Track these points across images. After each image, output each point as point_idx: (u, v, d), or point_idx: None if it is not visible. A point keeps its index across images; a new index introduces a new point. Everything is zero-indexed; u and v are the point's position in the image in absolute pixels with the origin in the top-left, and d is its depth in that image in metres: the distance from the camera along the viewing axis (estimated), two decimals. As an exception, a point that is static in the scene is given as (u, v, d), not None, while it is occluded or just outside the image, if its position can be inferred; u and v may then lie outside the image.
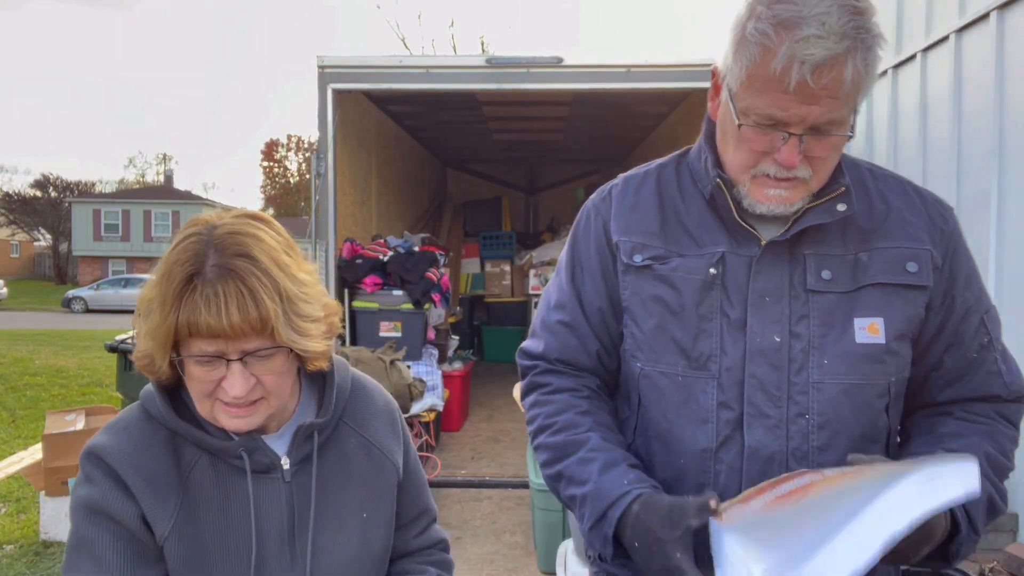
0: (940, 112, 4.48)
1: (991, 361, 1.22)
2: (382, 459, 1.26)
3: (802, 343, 1.14)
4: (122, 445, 1.11)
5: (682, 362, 1.18)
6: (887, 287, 1.15)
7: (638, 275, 1.22)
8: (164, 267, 1.05)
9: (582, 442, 1.20)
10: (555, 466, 1.22)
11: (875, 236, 1.18)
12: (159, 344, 1.04)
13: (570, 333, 1.28)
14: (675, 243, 1.21)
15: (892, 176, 1.26)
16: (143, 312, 1.07)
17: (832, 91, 1.03)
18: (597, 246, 1.28)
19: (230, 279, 1.02)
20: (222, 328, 1.01)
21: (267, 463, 1.14)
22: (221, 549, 1.11)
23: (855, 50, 1.01)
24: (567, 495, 1.21)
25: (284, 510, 1.14)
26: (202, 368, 1.05)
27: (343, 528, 1.19)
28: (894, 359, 1.16)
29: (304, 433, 1.17)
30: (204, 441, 1.11)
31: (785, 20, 1.01)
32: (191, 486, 1.11)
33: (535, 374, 1.32)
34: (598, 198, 1.33)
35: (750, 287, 1.16)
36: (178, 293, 1.02)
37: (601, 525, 1.12)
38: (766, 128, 1.07)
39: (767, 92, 1.04)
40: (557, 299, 1.32)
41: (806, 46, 1.00)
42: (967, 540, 1.09)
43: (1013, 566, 3.18)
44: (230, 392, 1.05)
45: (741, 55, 1.06)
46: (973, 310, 1.21)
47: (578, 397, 1.27)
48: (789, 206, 1.13)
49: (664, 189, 1.27)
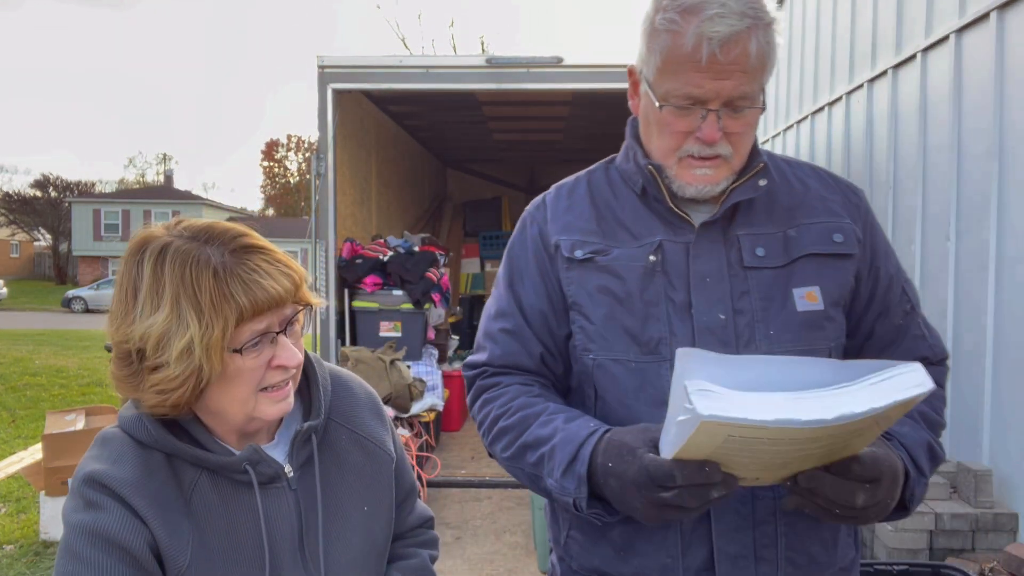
0: (940, 112, 4.48)
1: (916, 326, 1.32)
2: (375, 450, 1.25)
3: (746, 318, 1.20)
4: (124, 472, 1.04)
5: (634, 348, 1.21)
6: (818, 257, 1.23)
7: (582, 268, 1.26)
8: (169, 286, 1.00)
9: (540, 411, 1.22)
10: (516, 442, 1.23)
11: (799, 213, 1.26)
12: (214, 347, 0.99)
13: (512, 339, 1.31)
14: (612, 238, 1.26)
15: (806, 163, 1.37)
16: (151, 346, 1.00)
17: (741, 65, 1.12)
18: (534, 251, 1.31)
19: (253, 255, 1.04)
20: (279, 294, 1.03)
21: (271, 473, 1.12)
22: (234, 567, 1.07)
23: (756, 27, 1.11)
24: (533, 461, 1.20)
25: (292, 518, 1.13)
26: (252, 354, 1.04)
27: (348, 525, 1.18)
28: (832, 325, 1.23)
29: (302, 437, 1.16)
30: (205, 459, 1.07)
31: (689, 6, 1.11)
32: (194, 508, 1.07)
33: (482, 379, 1.34)
34: (532, 207, 1.37)
35: (690, 270, 1.21)
36: (218, 288, 0.99)
37: (574, 465, 1.13)
38: (686, 108, 1.16)
39: (682, 72, 1.13)
40: (497, 308, 1.34)
41: (712, 24, 1.09)
42: (917, 483, 1.16)
43: (1013, 566, 3.18)
44: (291, 362, 1.06)
45: (654, 45, 1.16)
46: (895, 280, 1.32)
47: (529, 387, 1.29)
48: (715, 185, 1.20)
49: (596, 191, 1.33)
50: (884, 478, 1.04)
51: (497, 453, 1.28)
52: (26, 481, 5.17)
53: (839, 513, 1.04)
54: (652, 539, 1.21)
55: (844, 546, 1.28)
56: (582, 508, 1.14)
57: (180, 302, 0.99)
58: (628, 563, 1.23)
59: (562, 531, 1.33)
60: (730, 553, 1.18)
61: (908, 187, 4.84)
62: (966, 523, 3.50)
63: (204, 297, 0.99)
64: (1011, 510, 3.56)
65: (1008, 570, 3.19)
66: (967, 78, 4.22)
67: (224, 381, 1.04)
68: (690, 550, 1.19)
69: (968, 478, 3.62)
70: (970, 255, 4.10)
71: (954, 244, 4.25)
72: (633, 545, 1.22)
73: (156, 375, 1.01)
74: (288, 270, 1.06)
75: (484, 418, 1.30)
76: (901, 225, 4.95)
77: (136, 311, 1.01)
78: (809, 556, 1.21)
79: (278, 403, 1.09)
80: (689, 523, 1.18)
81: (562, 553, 1.34)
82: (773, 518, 1.19)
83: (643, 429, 1.09)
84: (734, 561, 1.18)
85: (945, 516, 3.50)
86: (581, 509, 1.14)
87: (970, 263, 4.09)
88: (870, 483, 1.02)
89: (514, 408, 1.25)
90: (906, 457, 1.16)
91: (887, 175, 5.13)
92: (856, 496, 1.02)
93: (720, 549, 1.18)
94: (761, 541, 1.19)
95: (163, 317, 1.00)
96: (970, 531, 3.50)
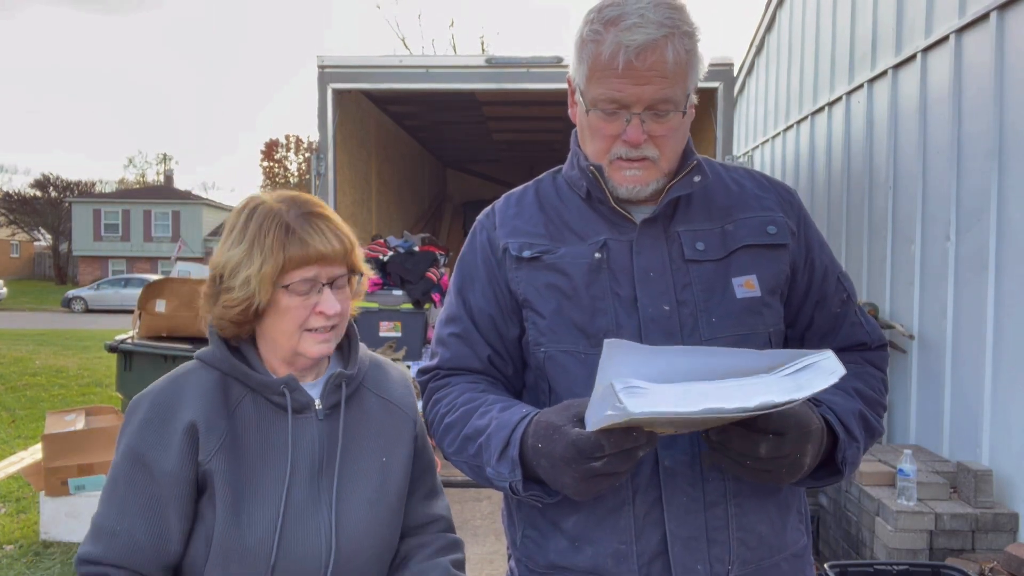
0: (940, 112, 4.48)
1: (852, 314, 1.39)
2: (399, 413, 1.43)
3: (690, 308, 1.26)
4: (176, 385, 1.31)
5: (583, 341, 1.26)
6: (754, 248, 1.31)
7: (530, 267, 1.31)
8: (251, 231, 1.27)
9: (480, 404, 1.28)
10: (459, 436, 1.27)
11: (735, 210, 1.34)
12: (265, 281, 1.24)
13: (461, 343, 1.36)
14: (560, 239, 1.32)
15: (741, 167, 1.45)
16: (227, 272, 1.27)
17: (659, 70, 1.19)
18: (483, 256, 1.37)
19: (318, 220, 1.29)
20: (329, 250, 1.27)
21: (304, 402, 1.32)
22: (260, 474, 1.26)
23: (673, 36, 1.19)
24: (473, 452, 1.24)
25: (315, 446, 1.31)
26: (300, 297, 1.27)
27: (365, 469, 1.34)
28: (770, 311, 1.30)
29: (335, 381, 1.35)
30: (251, 377, 1.30)
31: (611, 18, 1.20)
32: (236, 419, 1.28)
33: (433, 382, 1.40)
34: (482, 216, 1.44)
35: (634, 266, 1.27)
36: (280, 237, 1.25)
37: (507, 450, 1.18)
38: (611, 113, 1.23)
39: (605, 79, 1.21)
40: (448, 314, 1.40)
41: (629, 33, 1.17)
42: (849, 446, 1.22)
43: (1013, 566, 3.18)
44: (330, 310, 1.27)
45: (583, 54, 1.25)
46: (830, 270, 1.38)
47: (475, 384, 1.35)
48: (644, 186, 1.27)
49: (544, 198, 1.39)
50: (790, 432, 1.08)
51: (445, 449, 1.33)
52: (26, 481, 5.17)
53: (750, 465, 1.10)
54: (604, 526, 1.24)
55: (793, 530, 1.32)
56: (519, 491, 1.19)
57: (253, 244, 1.26)
58: (582, 552, 1.25)
59: (517, 531, 1.36)
60: (682, 536, 1.21)
61: (908, 187, 4.84)
62: (966, 523, 3.50)
63: (267, 241, 1.25)
64: (1011, 510, 3.56)
65: (1008, 570, 3.19)
66: (967, 78, 4.22)
67: (276, 314, 1.28)
68: (643, 535, 1.22)
69: (968, 478, 3.62)
70: (970, 255, 4.10)
71: (954, 244, 4.25)
72: (587, 534, 1.25)
73: (226, 295, 1.28)
74: (341, 235, 1.30)
75: (433, 417, 1.35)
76: (901, 225, 4.95)
77: (227, 245, 1.30)
78: (759, 537, 1.25)
79: (318, 344, 1.30)
80: (642, 508, 1.22)
81: (519, 554, 1.36)
82: (724, 500, 1.23)
83: (566, 407, 1.14)
84: (686, 543, 1.21)
85: (945, 516, 3.50)
86: (519, 492, 1.19)
87: (970, 263, 4.09)
88: (774, 435, 1.07)
89: (458, 404, 1.30)
90: (835, 421, 1.21)
91: (887, 175, 5.13)
92: (759, 447, 1.07)
93: (672, 532, 1.21)
94: (712, 523, 1.22)
95: (240, 252, 1.27)
96: (970, 531, 3.50)
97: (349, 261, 1.32)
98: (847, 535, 4.03)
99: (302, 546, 1.26)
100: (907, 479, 3.60)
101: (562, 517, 1.27)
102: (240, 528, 1.23)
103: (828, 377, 0.99)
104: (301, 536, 1.26)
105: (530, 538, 1.33)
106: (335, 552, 1.27)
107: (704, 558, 1.21)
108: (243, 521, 1.24)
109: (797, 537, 1.33)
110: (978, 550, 3.49)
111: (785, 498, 1.31)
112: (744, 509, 1.24)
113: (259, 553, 1.23)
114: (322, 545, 1.27)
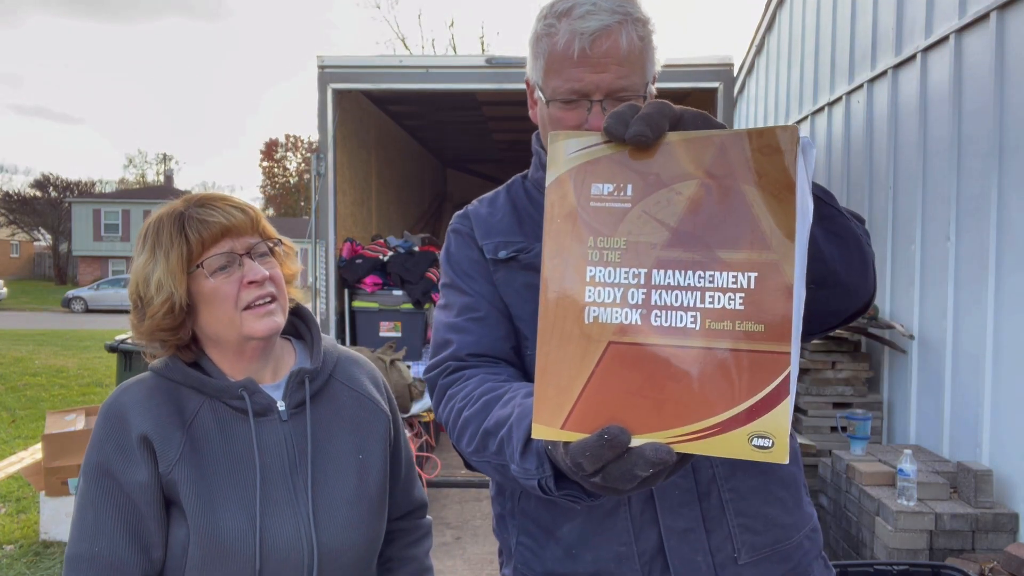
0: (940, 112, 4.48)
1: None
2: (373, 408, 1.39)
3: None
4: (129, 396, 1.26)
5: None
6: None
7: (506, 269, 1.30)
8: (150, 238, 1.24)
9: (503, 392, 1.11)
10: (479, 432, 1.10)
11: None
12: (176, 271, 1.20)
13: (483, 326, 1.26)
14: (534, 237, 1.29)
15: None
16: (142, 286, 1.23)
17: (615, 57, 1.18)
18: (473, 255, 1.34)
19: (214, 201, 1.26)
20: (234, 222, 1.23)
21: (265, 404, 1.27)
22: (229, 481, 1.22)
23: (626, 23, 1.18)
24: (495, 449, 1.06)
25: (283, 448, 1.27)
26: (222, 274, 1.22)
27: (341, 467, 1.31)
28: None
29: (297, 379, 1.30)
30: (207, 384, 1.25)
31: (563, 10, 1.20)
32: (195, 428, 1.23)
33: (443, 377, 1.24)
34: (457, 221, 1.42)
35: None
36: (178, 227, 1.22)
37: (532, 442, 0.96)
38: (572, 102, 1.21)
39: (562, 70, 1.20)
40: (461, 304, 1.29)
41: (583, 22, 1.17)
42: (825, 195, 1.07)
43: (1013, 566, 3.17)
44: (256, 275, 1.23)
45: (538, 50, 1.24)
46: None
47: (496, 374, 1.20)
48: None
49: (515, 199, 1.38)
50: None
51: (464, 449, 1.16)
52: (26, 481, 5.18)
53: None
54: (603, 530, 1.21)
55: (808, 505, 1.30)
56: (551, 490, 0.95)
57: (155, 247, 1.23)
58: (581, 560, 1.22)
59: (511, 538, 1.32)
60: (677, 529, 1.18)
61: (908, 187, 4.84)
62: (966, 523, 3.50)
63: (165, 237, 1.22)
64: (1011, 510, 3.56)
65: (1008, 570, 3.19)
66: (967, 78, 4.22)
67: (207, 304, 1.23)
68: (642, 533, 1.19)
69: (968, 478, 3.62)
70: (970, 255, 4.09)
71: (954, 244, 4.25)
72: (585, 540, 1.22)
73: (149, 308, 1.23)
74: (242, 208, 1.27)
75: (449, 414, 1.19)
76: (901, 225, 4.95)
77: (135, 263, 1.26)
78: (766, 520, 1.22)
79: (261, 319, 1.24)
80: (637, 506, 1.19)
81: (515, 562, 1.31)
82: (716, 487, 1.20)
83: None
84: (683, 536, 1.18)
85: (945, 516, 3.50)
86: (551, 491, 0.96)
87: (970, 263, 4.09)
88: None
89: (477, 395, 1.14)
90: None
91: (887, 175, 5.13)
92: None
93: (667, 526, 1.18)
94: (708, 513, 1.19)
95: (144, 259, 1.24)
96: (970, 531, 3.50)
97: (259, 229, 1.28)
98: (847, 535, 4.03)
99: (282, 550, 1.22)
100: (907, 479, 3.60)
101: (556, 525, 1.23)
102: (217, 536, 1.19)
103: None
104: (281, 541, 1.22)
105: (524, 545, 1.29)
106: (317, 554, 1.24)
107: (703, 548, 1.19)
108: (218, 529, 1.19)
109: (812, 511, 1.31)
110: (978, 550, 3.49)
111: (790, 473, 1.27)
112: (740, 493, 1.21)
113: (241, 559, 1.20)
114: (303, 547, 1.24)
